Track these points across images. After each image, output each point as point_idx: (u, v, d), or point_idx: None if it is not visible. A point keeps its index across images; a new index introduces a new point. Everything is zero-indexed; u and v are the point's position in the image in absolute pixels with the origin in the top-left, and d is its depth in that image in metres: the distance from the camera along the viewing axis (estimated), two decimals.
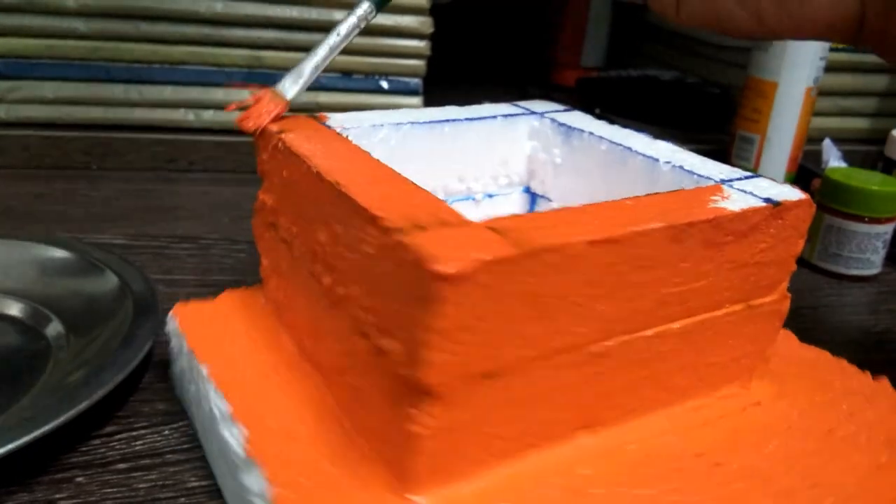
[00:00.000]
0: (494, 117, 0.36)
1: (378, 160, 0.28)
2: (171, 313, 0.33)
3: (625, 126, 0.35)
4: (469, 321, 0.21)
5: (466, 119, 0.35)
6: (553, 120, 0.36)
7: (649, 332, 0.26)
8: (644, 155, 0.31)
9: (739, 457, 0.27)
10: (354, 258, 0.24)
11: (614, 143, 0.33)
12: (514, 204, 0.38)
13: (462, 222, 0.23)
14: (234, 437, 0.26)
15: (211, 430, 0.28)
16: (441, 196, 0.36)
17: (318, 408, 0.27)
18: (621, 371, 0.26)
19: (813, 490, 0.25)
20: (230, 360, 0.30)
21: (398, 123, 0.33)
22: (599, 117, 0.36)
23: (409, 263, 0.21)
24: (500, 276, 0.21)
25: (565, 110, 0.37)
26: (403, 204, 0.23)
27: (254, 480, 0.24)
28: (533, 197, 0.38)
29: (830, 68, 0.67)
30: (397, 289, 0.22)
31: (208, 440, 0.29)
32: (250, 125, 0.30)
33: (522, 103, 0.38)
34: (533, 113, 0.37)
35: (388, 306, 0.23)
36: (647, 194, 0.26)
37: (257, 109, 0.30)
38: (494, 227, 0.22)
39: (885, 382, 0.32)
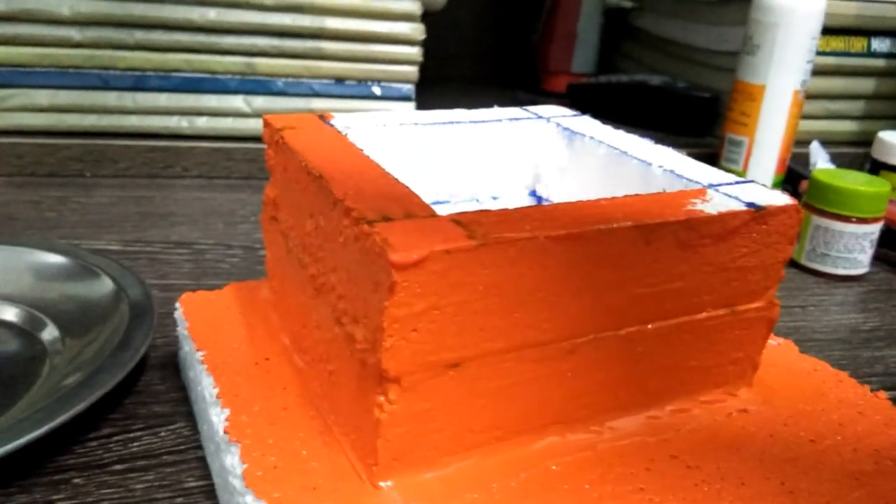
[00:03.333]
0: (500, 120, 0.36)
1: (368, 157, 0.28)
2: (177, 302, 0.35)
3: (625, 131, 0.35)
4: (426, 310, 0.22)
5: (471, 121, 0.36)
6: (558, 124, 0.36)
7: (622, 332, 0.26)
8: (638, 159, 0.32)
9: (716, 461, 0.27)
10: (332, 248, 0.25)
11: (612, 147, 0.33)
12: (518, 206, 0.38)
13: (429, 215, 0.23)
14: (218, 418, 0.27)
15: (202, 413, 0.29)
16: (445, 197, 0.36)
17: (300, 394, 0.28)
18: (594, 370, 0.26)
19: (787, 496, 0.25)
20: (225, 347, 0.31)
21: (401, 124, 0.34)
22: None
23: (371, 252, 0.22)
24: (455, 266, 0.22)
25: (573, 115, 0.38)
26: (378, 197, 0.24)
27: (232, 460, 0.25)
28: (539, 200, 0.38)
29: (818, 72, 0.68)
30: (363, 277, 0.23)
31: (201, 422, 0.30)
32: None
33: (531, 108, 0.39)
34: (540, 117, 0.37)
35: (357, 294, 0.24)
36: (626, 195, 0.27)
37: None
38: (459, 219, 0.23)
39: (882, 396, 0.32)
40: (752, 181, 0.29)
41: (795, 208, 0.28)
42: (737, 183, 0.29)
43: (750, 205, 0.27)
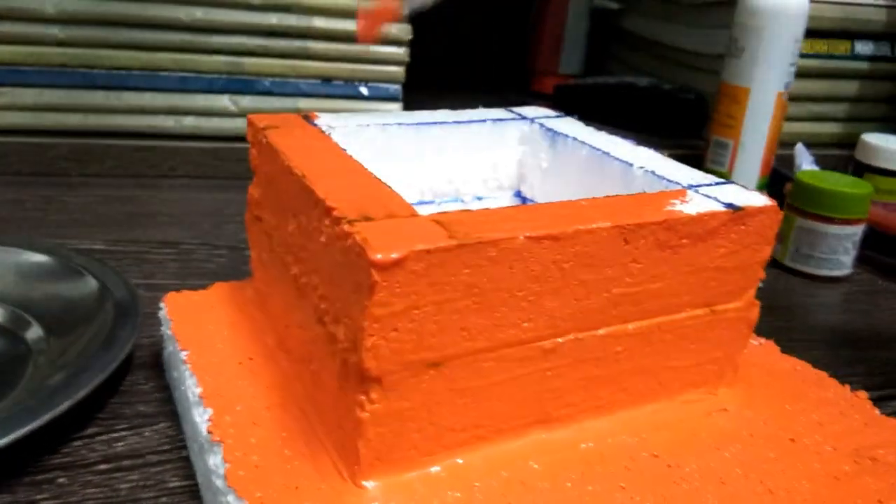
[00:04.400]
0: (484, 121, 0.36)
1: (350, 157, 0.28)
2: (161, 301, 0.35)
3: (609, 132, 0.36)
4: (406, 309, 0.22)
5: (455, 122, 0.36)
6: (542, 125, 0.37)
7: (601, 332, 0.26)
8: (620, 160, 0.32)
9: (696, 460, 0.27)
10: (314, 248, 0.26)
11: (594, 148, 0.33)
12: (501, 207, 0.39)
13: (410, 214, 0.23)
14: (201, 418, 0.27)
15: (186, 413, 0.29)
16: (429, 197, 0.36)
17: (284, 395, 0.28)
18: (574, 369, 0.26)
19: (767, 495, 0.26)
20: (209, 347, 0.31)
21: (385, 124, 0.34)
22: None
23: (352, 252, 0.22)
24: (435, 265, 0.22)
25: (557, 116, 0.38)
26: (359, 197, 0.24)
27: (214, 459, 0.25)
28: (523, 201, 0.38)
29: (802, 74, 0.68)
30: (344, 277, 0.23)
31: (185, 422, 0.30)
32: (365, 40, 0.31)
33: (515, 109, 0.39)
34: (524, 118, 0.37)
35: (337, 294, 0.24)
36: (606, 196, 0.27)
37: (370, 19, 0.31)
38: (440, 219, 0.23)
39: (862, 396, 0.32)
40: (731, 182, 0.30)
41: (774, 209, 0.28)
42: (716, 184, 0.29)
43: (728, 205, 0.27)
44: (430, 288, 0.22)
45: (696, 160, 0.65)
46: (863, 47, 0.73)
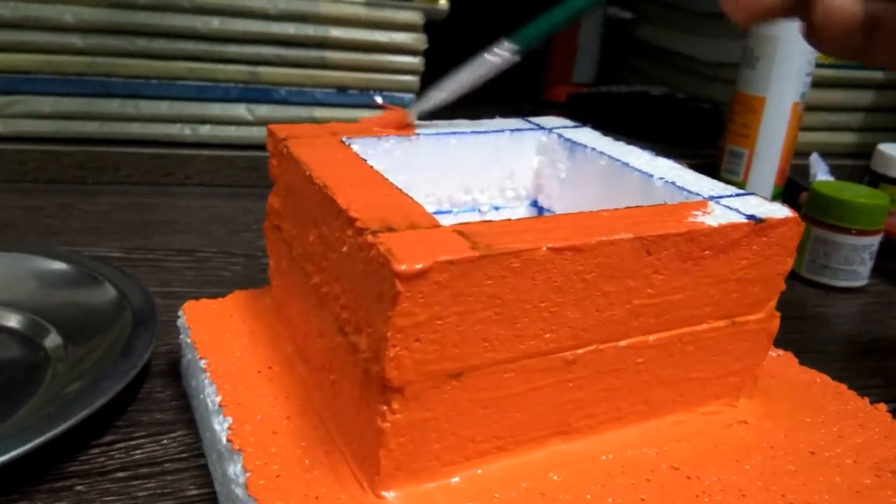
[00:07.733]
0: (502, 131, 0.37)
1: (370, 167, 0.29)
2: (180, 310, 0.35)
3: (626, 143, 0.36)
4: (429, 320, 0.22)
5: (473, 132, 0.36)
6: (560, 135, 0.37)
7: (623, 343, 0.26)
8: (640, 171, 0.32)
9: (716, 472, 0.27)
10: (335, 257, 0.26)
11: (613, 158, 0.33)
12: (519, 216, 0.39)
13: (432, 225, 0.24)
14: (221, 427, 0.27)
15: (205, 421, 0.30)
16: (447, 207, 0.36)
17: (303, 403, 0.28)
18: (595, 380, 0.26)
19: None
20: (228, 355, 0.31)
21: (403, 134, 0.34)
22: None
23: (375, 262, 0.22)
24: (459, 276, 0.22)
25: (574, 126, 0.38)
26: (381, 208, 0.24)
27: (234, 468, 0.25)
28: (540, 211, 0.38)
29: (817, 84, 0.68)
30: (367, 287, 0.23)
31: (203, 431, 0.30)
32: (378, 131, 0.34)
33: (532, 119, 0.39)
34: (541, 128, 0.37)
35: (360, 304, 0.24)
36: (627, 207, 0.27)
37: (380, 119, 0.34)
38: (462, 230, 0.23)
39: (881, 408, 0.32)
40: (752, 193, 0.30)
41: (796, 221, 0.28)
42: (738, 195, 0.29)
43: (750, 217, 0.27)
44: (453, 299, 0.22)
45: (710, 169, 0.65)
46: None
